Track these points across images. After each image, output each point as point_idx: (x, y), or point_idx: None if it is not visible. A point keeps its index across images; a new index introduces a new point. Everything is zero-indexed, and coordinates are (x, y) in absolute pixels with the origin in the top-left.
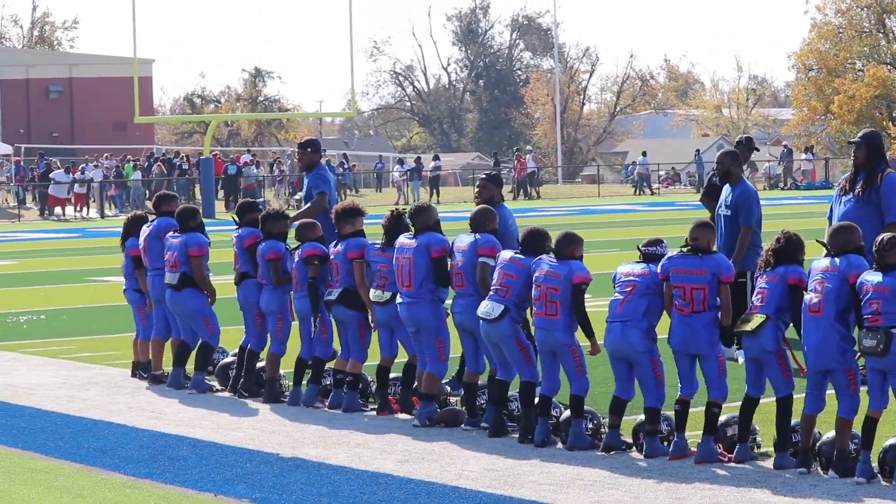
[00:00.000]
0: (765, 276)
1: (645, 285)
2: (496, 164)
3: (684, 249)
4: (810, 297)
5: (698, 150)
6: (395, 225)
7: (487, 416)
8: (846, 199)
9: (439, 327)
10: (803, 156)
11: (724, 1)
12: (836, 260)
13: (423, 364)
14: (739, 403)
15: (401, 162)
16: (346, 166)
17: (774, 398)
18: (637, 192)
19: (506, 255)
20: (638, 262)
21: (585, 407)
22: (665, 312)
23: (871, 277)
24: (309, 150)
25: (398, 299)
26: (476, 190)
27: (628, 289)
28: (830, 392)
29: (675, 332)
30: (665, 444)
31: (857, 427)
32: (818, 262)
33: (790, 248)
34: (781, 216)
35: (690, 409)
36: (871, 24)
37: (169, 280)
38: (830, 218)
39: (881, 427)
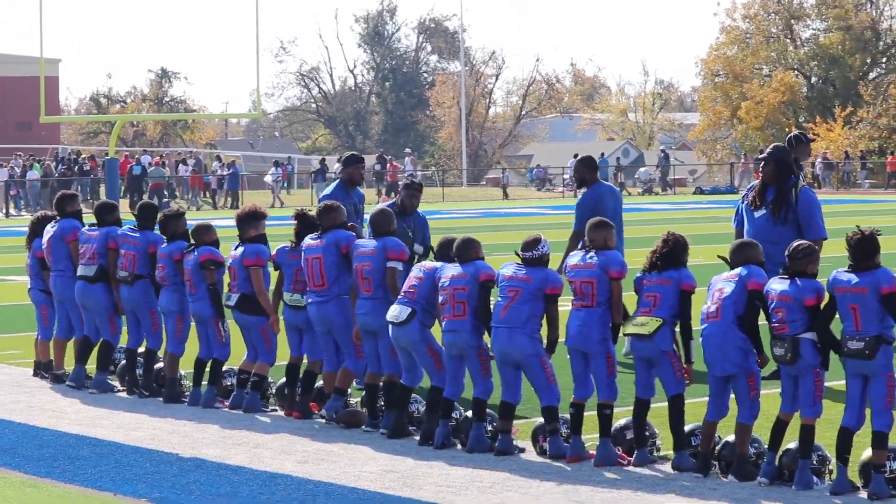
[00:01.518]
0: (654, 279)
1: (528, 292)
2: (382, 166)
3: (585, 248)
4: (708, 304)
5: (603, 154)
6: (302, 224)
7: (386, 420)
8: (759, 214)
9: (350, 325)
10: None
11: (631, 6)
12: (737, 269)
13: (332, 364)
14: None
15: (276, 164)
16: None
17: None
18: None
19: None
20: (521, 266)
21: (486, 410)
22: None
23: (777, 286)
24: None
25: (308, 299)
26: (401, 194)
27: (511, 294)
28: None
29: (570, 327)
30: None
31: (767, 429)
32: (719, 275)
33: (677, 251)
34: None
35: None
36: (779, 29)
37: (84, 272)
38: (740, 226)
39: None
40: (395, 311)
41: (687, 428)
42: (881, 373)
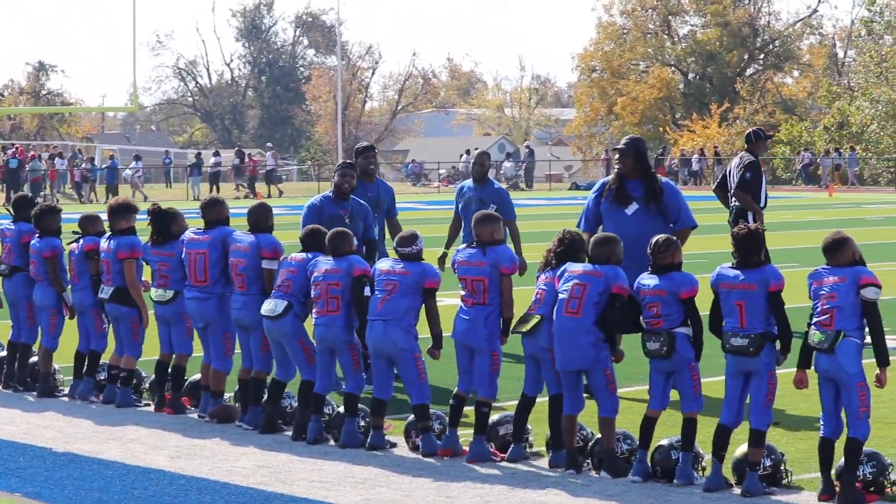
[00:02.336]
0: (544, 277)
1: (405, 285)
2: (240, 160)
3: (473, 244)
4: (567, 297)
5: (468, 151)
6: (157, 220)
7: (254, 416)
8: (632, 210)
9: (228, 323)
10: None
11: (508, 1)
12: (600, 266)
13: (209, 358)
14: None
15: (137, 158)
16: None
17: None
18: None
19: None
20: (398, 261)
21: (358, 405)
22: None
23: (648, 281)
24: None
25: (187, 294)
26: (334, 177)
27: (389, 287)
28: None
29: (457, 322)
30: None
31: (635, 427)
32: (574, 266)
33: (574, 249)
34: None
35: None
36: (657, 25)
37: None
38: (591, 231)
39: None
40: (271, 305)
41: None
42: (764, 371)
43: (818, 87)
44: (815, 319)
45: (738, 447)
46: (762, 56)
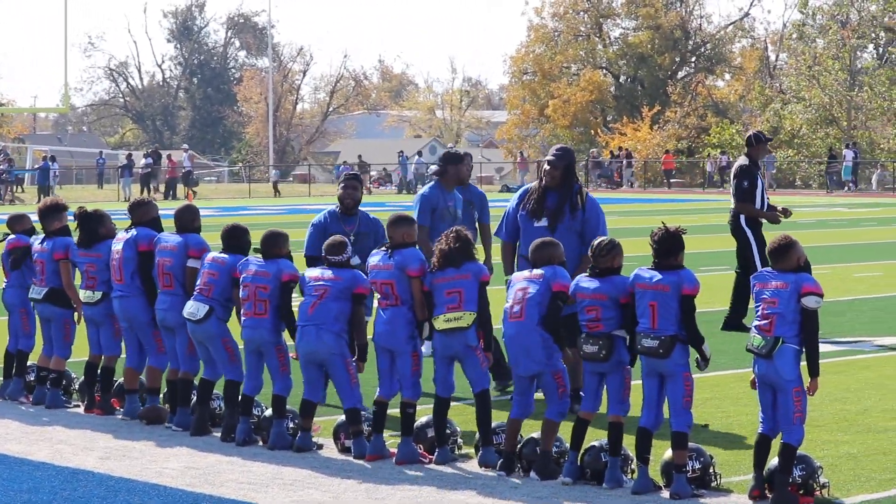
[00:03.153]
0: (451, 275)
1: (336, 290)
2: (155, 161)
3: (385, 247)
4: (511, 303)
5: (401, 152)
6: (84, 223)
7: (181, 416)
8: (539, 224)
9: (151, 321)
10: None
11: (439, 3)
12: (540, 269)
13: (133, 360)
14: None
15: (52, 159)
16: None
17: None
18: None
19: (209, 254)
20: (327, 269)
21: (287, 407)
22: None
23: (587, 284)
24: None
25: (113, 293)
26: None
27: (319, 292)
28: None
29: (376, 325)
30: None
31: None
32: (518, 273)
33: (463, 249)
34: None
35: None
36: (588, 28)
37: None
38: (511, 240)
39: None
40: (192, 308)
41: (493, 425)
42: (677, 373)
43: (750, 90)
44: (755, 323)
45: (667, 450)
46: (694, 59)
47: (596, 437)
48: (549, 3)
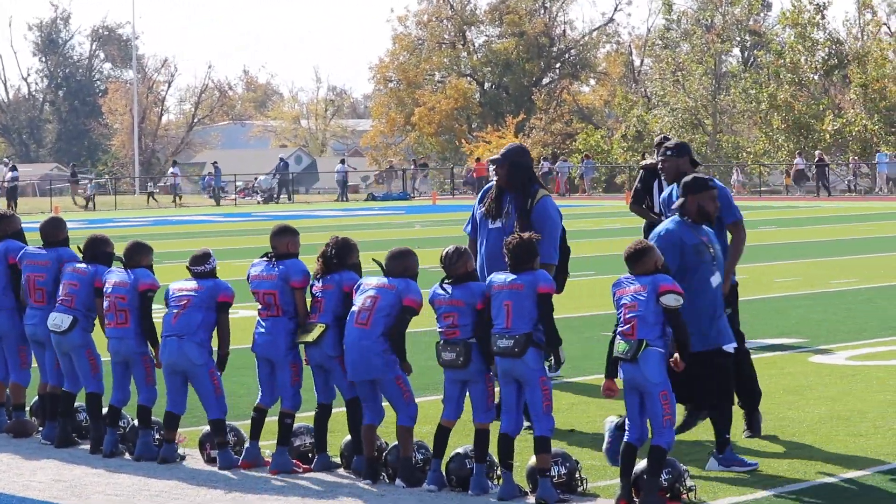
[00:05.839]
0: (320, 284)
1: (199, 299)
2: (73, 176)
3: (266, 257)
4: (359, 309)
5: (282, 159)
6: None
7: (49, 430)
8: (494, 226)
9: (20, 336)
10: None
11: (303, 13)
12: (393, 279)
13: (1, 373)
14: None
15: None
16: None
17: None
18: (340, 199)
19: (69, 266)
20: (189, 280)
21: (151, 418)
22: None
23: (443, 293)
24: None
25: None
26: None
27: (182, 303)
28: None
29: (256, 335)
30: (234, 453)
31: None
32: (369, 279)
33: (342, 254)
34: (359, 227)
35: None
36: (452, 35)
37: None
38: (474, 235)
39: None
40: (57, 320)
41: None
42: (534, 378)
43: (615, 96)
44: (619, 329)
45: (531, 456)
46: (559, 65)
47: (460, 444)
48: (412, 12)
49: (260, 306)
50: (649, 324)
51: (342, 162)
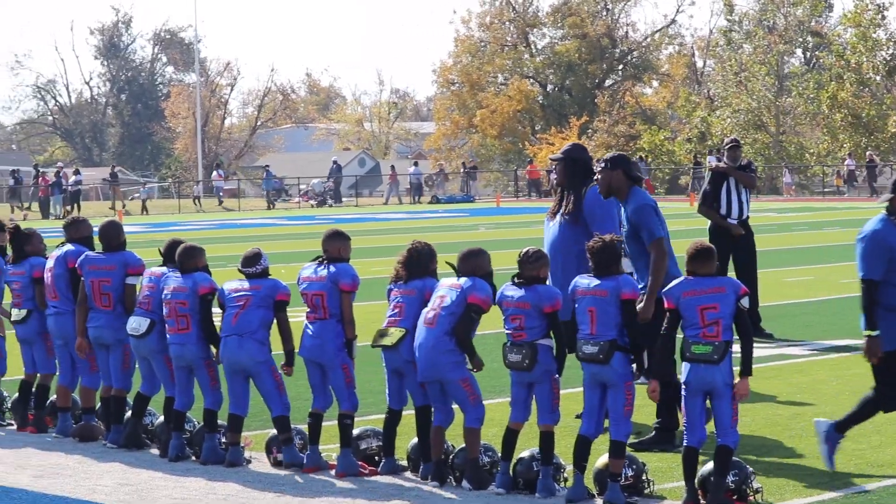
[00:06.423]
0: (401, 289)
1: (258, 298)
2: (114, 178)
3: (317, 260)
4: (428, 309)
5: (335, 161)
6: (13, 239)
7: (115, 433)
8: (552, 223)
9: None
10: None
11: (366, 15)
12: (462, 279)
13: (66, 377)
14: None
15: None
16: None
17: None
18: (415, 200)
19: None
20: (242, 280)
21: (218, 421)
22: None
23: (512, 293)
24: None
25: (48, 311)
26: None
27: (241, 302)
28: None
29: (304, 339)
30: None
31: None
32: (443, 280)
33: (422, 260)
34: (425, 230)
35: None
36: (515, 37)
37: None
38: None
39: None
40: (135, 324)
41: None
42: (619, 382)
43: (678, 97)
44: (694, 331)
45: (600, 458)
46: (621, 67)
47: (527, 447)
48: (475, 13)
49: (307, 310)
50: (729, 326)
51: (415, 164)
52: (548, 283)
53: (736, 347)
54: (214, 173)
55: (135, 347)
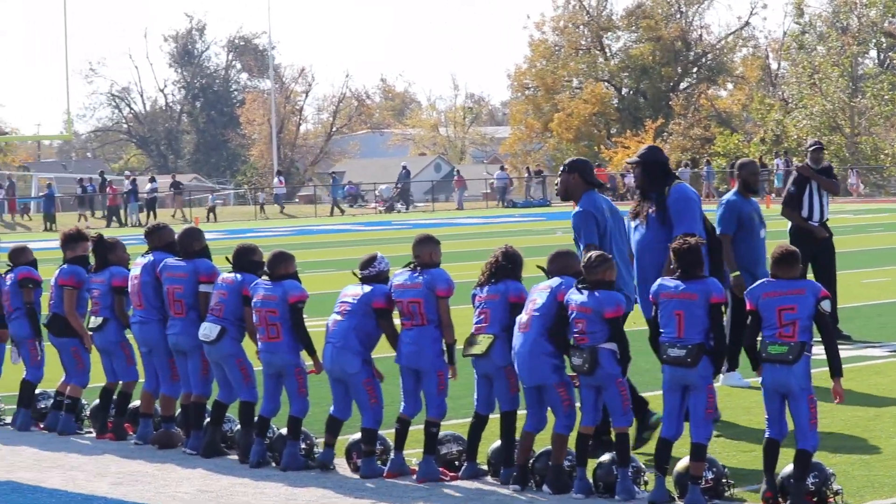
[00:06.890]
0: (485, 294)
1: (355, 306)
2: (176, 187)
3: (408, 266)
4: (521, 314)
5: (405, 167)
6: (98, 248)
7: (195, 440)
8: (635, 225)
9: (169, 348)
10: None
11: (440, 20)
12: (552, 280)
13: (151, 384)
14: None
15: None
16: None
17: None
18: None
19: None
20: (358, 285)
21: (301, 428)
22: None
23: (576, 297)
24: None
25: (132, 319)
26: None
27: (341, 309)
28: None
29: (401, 346)
30: (380, 462)
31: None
32: (537, 284)
33: (509, 265)
34: (501, 234)
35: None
36: (589, 41)
37: None
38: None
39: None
40: (206, 330)
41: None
42: (701, 384)
43: (752, 100)
44: (771, 332)
45: (680, 461)
46: (695, 70)
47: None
48: (549, 17)
49: (402, 317)
50: (807, 328)
51: (502, 168)
52: (625, 284)
53: (820, 350)
54: (275, 180)
55: (207, 354)
